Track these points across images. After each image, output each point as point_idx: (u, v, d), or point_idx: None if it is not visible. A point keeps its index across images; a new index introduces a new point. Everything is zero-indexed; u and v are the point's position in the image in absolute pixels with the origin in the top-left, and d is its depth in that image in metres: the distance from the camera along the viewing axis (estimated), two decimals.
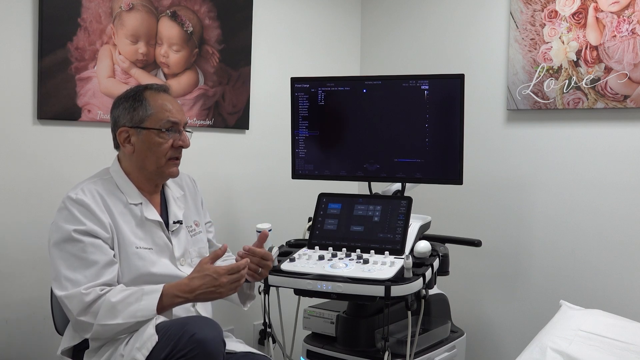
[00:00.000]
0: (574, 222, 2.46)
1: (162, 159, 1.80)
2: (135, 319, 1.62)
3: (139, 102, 1.80)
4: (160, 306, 1.64)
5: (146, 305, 1.63)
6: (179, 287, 1.67)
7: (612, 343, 1.86)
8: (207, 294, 1.66)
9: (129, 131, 1.79)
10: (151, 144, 1.79)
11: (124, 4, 2.27)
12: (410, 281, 1.85)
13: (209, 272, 1.66)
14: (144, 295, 1.64)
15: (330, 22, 3.02)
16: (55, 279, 1.67)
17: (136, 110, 1.79)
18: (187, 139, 1.84)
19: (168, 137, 1.80)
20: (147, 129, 1.78)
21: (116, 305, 1.62)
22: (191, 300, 1.68)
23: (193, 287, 1.66)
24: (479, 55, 2.70)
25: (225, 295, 1.70)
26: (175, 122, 1.80)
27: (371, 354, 2.08)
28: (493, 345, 2.69)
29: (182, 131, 1.83)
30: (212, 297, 1.68)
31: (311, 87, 2.27)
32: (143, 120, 1.78)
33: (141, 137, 1.79)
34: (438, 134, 2.14)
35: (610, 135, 2.37)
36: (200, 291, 1.66)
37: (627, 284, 2.33)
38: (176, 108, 1.83)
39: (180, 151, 1.84)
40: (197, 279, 1.67)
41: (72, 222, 1.68)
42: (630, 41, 2.27)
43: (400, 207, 2.08)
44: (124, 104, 1.81)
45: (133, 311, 1.62)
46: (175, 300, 1.67)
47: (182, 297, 1.67)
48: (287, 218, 2.71)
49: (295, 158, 2.32)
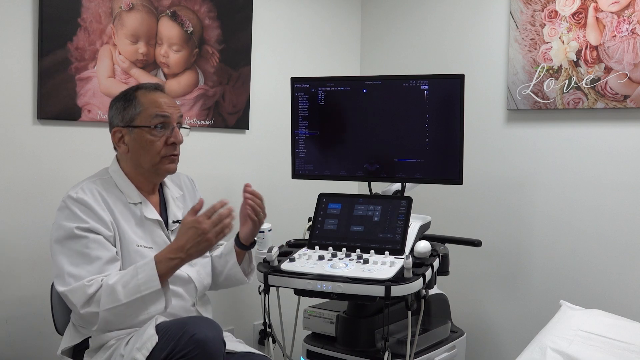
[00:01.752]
0: (574, 222, 2.46)
1: (156, 157, 1.80)
2: (140, 293, 1.60)
3: (129, 101, 1.80)
4: (160, 274, 1.62)
5: (146, 276, 1.61)
6: (169, 250, 1.67)
7: (612, 343, 1.86)
8: (196, 245, 1.65)
9: (122, 131, 1.80)
10: (143, 142, 1.78)
11: (124, 4, 2.27)
12: (410, 281, 1.84)
13: (189, 225, 1.66)
14: (139, 269, 1.63)
15: (330, 22, 3.02)
16: (58, 275, 1.66)
17: (126, 110, 1.79)
18: (179, 135, 1.82)
19: (159, 134, 1.79)
20: (138, 127, 1.78)
21: (114, 286, 1.60)
22: (185, 258, 1.66)
23: (180, 244, 1.65)
24: (479, 55, 2.70)
25: (213, 241, 1.67)
26: (164, 116, 1.79)
27: (371, 354, 2.08)
28: (493, 345, 2.69)
29: (174, 127, 1.81)
30: (202, 246, 1.66)
31: (311, 87, 2.27)
32: (133, 119, 1.78)
33: (133, 136, 1.79)
34: (438, 134, 2.14)
35: (610, 135, 2.37)
36: (190, 245, 1.64)
37: (627, 284, 2.33)
38: (167, 103, 1.81)
39: (176, 147, 1.82)
40: (182, 236, 1.66)
41: (74, 220, 1.68)
42: (630, 41, 2.27)
43: (400, 207, 2.08)
44: (117, 104, 1.82)
45: (134, 287, 1.60)
46: (171, 263, 1.64)
47: (176, 257, 1.65)
48: (287, 218, 2.71)
49: (295, 158, 2.32)
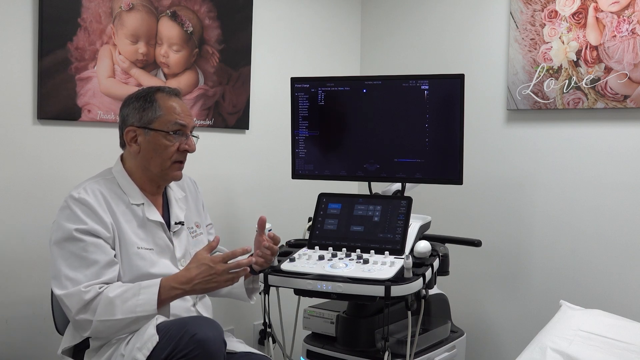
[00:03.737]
0: (574, 222, 2.46)
1: (167, 161, 1.81)
2: (135, 314, 1.61)
3: (149, 103, 1.81)
4: (159, 300, 1.63)
5: (145, 299, 1.62)
6: (176, 279, 1.67)
7: (612, 343, 1.86)
8: (204, 283, 1.66)
9: (136, 131, 1.80)
10: (157, 146, 1.80)
11: (124, 4, 2.27)
12: (410, 281, 1.85)
13: (205, 261, 1.67)
14: (142, 290, 1.64)
15: (330, 22, 3.02)
16: (55, 277, 1.66)
17: (145, 111, 1.80)
18: (192, 144, 1.85)
19: (175, 140, 1.81)
20: (155, 130, 1.79)
21: (114, 300, 1.61)
22: (188, 291, 1.67)
23: (190, 277, 1.65)
24: (479, 55, 2.70)
25: (222, 285, 1.68)
26: (183, 125, 1.82)
27: (371, 354, 2.08)
28: (493, 345, 2.69)
29: (189, 136, 1.85)
30: (209, 286, 1.67)
31: (311, 87, 2.27)
32: (152, 121, 1.79)
33: (148, 137, 1.80)
34: (438, 134, 2.14)
35: (610, 135, 2.37)
36: (197, 281, 1.65)
37: (627, 284, 2.33)
38: (185, 112, 1.84)
39: (185, 155, 1.85)
40: (194, 269, 1.66)
41: (73, 221, 1.68)
42: (630, 41, 2.27)
43: (400, 207, 2.08)
44: (134, 103, 1.82)
45: (132, 306, 1.61)
46: (173, 292, 1.66)
47: (180, 288, 1.66)
48: (287, 218, 2.70)
49: (295, 158, 2.32)
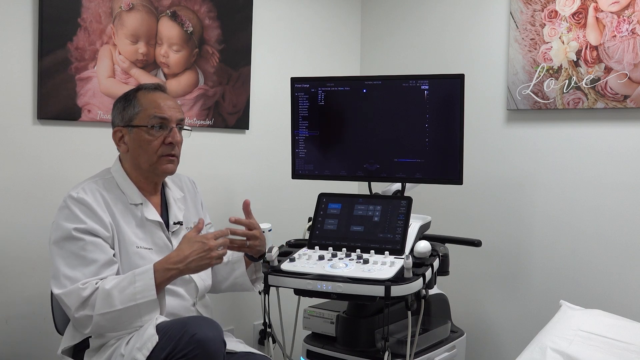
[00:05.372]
0: (574, 222, 2.46)
1: (153, 156, 1.81)
2: (135, 301, 1.61)
3: (129, 101, 1.82)
4: (156, 283, 1.63)
5: (143, 285, 1.63)
6: (169, 260, 1.68)
7: (612, 343, 1.86)
8: (198, 260, 1.67)
9: (122, 130, 1.82)
10: (141, 142, 1.80)
11: (124, 4, 2.27)
12: (410, 281, 1.84)
13: (197, 239, 1.69)
14: (137, 277, 1.64)
15: (330, 22, 3.02)
16: (54, 276, 1.67)
17: (126, 110, 1.82)
18: (176, 135, 1.82)
19: (157, 134, 1.80)
20: (137, 127, 1.80)
21: (111, 291, 1.61)
22: (183, 270, 1.67)
23: (183, 256, 1.67)
24: (479, 55, 2.70)
25: (213, 262, 1.70)
26: (163, 118, 1.80)
27: (371, 354, 2.08)
28: (493, 345, 2.69)
29: (173, 128, 1.82)
30: (203, 263, 1.68)
31: (311, 87, 2.27)
32: (132, 119, 1.80)
33: (132, 135, 1.81)
34: (438, 134, 2.14)
35: (610, 135, 2.37)
36: (192, 258, 1.66)
37: (627, 284, 2.33)
38: (167, 105, 1.83)
39: (174, 147, 1.83)
40: (186, 248, 1.68)
41: (72, 221, 1.69)
42: (630, 41, 2.27)
43: (400, 207, 2.08)
44: (118, 104, 1.85)
45: (130, 294, 1.61)
46: (168, 273, 1.66)
47: (175, 268, 1.66)
48: (287, 218, 2.70)
49: (295, 158, 2.32)
